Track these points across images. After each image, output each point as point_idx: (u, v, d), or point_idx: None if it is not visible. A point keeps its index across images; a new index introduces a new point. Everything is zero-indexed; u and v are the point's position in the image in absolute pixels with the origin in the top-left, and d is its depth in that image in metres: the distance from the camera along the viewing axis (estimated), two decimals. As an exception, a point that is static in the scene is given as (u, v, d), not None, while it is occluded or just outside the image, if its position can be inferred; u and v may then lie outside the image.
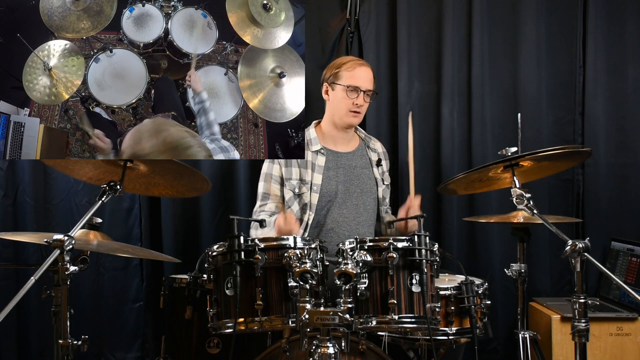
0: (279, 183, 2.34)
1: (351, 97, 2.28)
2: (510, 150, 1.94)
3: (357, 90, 2.28)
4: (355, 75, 2.29)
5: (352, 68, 2.30)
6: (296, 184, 2.31)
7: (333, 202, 2.32)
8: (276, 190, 2.33)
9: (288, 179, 2.32)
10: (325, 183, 2.31)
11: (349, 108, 2.30)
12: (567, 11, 2.87)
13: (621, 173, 2.86)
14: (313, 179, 2.31)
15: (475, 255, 2.83)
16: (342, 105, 2.31)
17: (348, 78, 2.29)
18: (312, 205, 2.29)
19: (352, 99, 2.28)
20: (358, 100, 2.28)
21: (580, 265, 1.60)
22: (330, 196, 2.31)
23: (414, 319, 1.63)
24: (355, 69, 2.30)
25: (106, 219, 2.55)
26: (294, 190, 2.31)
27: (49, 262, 1.39)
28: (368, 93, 2.31)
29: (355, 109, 2.29)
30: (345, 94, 2.29)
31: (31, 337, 2.76)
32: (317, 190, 2.30)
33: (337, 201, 2.32)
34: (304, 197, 2.30)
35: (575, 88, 2.88)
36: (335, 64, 2.35)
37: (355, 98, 2.28)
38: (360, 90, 2.28)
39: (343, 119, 2.34)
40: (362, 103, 2.30)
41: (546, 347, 2.43)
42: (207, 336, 2.01)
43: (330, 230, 2.32)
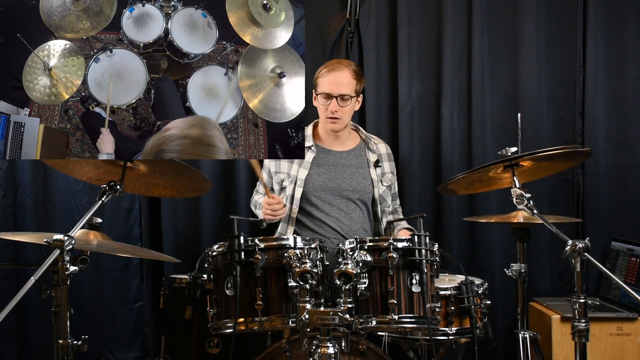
0: (269, 175, 2.46)
1: (325, 104, 2.32)
2: (510, 150, 1.94)
3: (329, 96, 2.30)
4: (326, 81, 2.31)
5: (324, 75, 2.33)
6: (283, 177, 2.39)
7: (322, 198, 2.36)
8: (266, 182, 2.44)
9: (276, 172, 2.42)
10: (312, 178, 2.36)
11: (325, 115, 2.33)
12: (567, 11, 2.87)
13: (621, 173, 2.86)
14: (298, 174, 2.36)
15: (475, 255, 2.83)
16: (320, 112, 2.37)
17: (321, 85, 2.33)
18: (296, 199, 2.35)
19: (326, 106, 2.31)
20: (330, 107, 2.30)
21: (580, 265, 1.60)
22: (317, 191, 2.36)
23: (414, 319, 1.63)
24: (326, 76, 2.32)
25: (106, 219, 2.56)
26: (280, 184, 2.40)
27: (49, 262, 1.39)
28: (343, 97, 2.29)
29: (329, 115, 2.32)
30: (320, 101, 2.33)
31: (31, 337, 2.75)
32: (301, 184, 2.35)
33: (327, 197, 2.36)
34: (287, 190, 2.36)
35: (575, 88, 2.88)
36: (318, 70, 2.38)
37: (328, 105, 2.30)
38: (332, 97, 2.29)
39: (324, 125, 2.40)
40: (336, 109, 2.30)
41: (546, 347, 2.43)
42: (207, 336, 2.01)
43: (323, 224, 2.36)
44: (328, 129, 2.39)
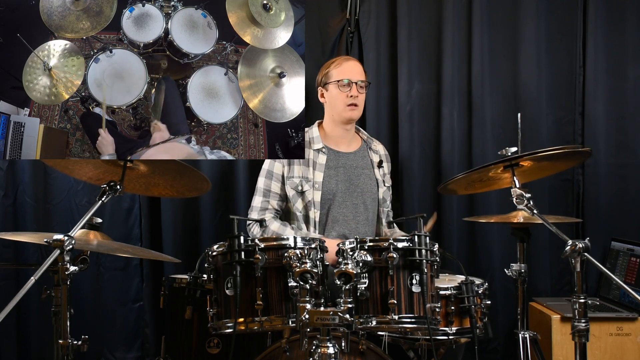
0: (280, 181, 2.38)
1: (344, 91, 2.33)
2: (510, 150, 1.94)
3: (349, 82, 2.32)
4: (344, 69, 2.35)
5: (339, 64, 2.36)
6: (299, 182, 2.34)
7: (333, 201, 2.34)
8: (276, 189, 2.38)
9: (290, 177, 2.36)
10: (325, 181, 2.35)
11: (345, 102, 2.34)
12: (567, 11, 2.87)
13: (621, 173, 2.86)
14: (315, 177, 2.34)
15: (475, 255, 2.83)
16: (338, 101, 2.36)
17: (338, 74, 2.35)
18: (316, 202, 2.33)
19: (346, 92, 2.33)
20: (352, 92, 2.32)
21: (580, 265, 1.61)
22: (330, 194, 2.34)
23: (414, 319, 1.63)
24: (342, 64, 2.36)
25: (106, 219, 2.56)
26: (297, 189, 2.34)
27: (49, 262, 1.39)
28: (361, 84, 2.34)
29: (351, 101, 2.33)
30: (338, 89, 2.34)
31: (31, 337, 2.75)
32: (319, 188, 2.33)
33: (336, 200, 2.35)
34: (307, 195, 2.33)
35: (575, 88, 2.88)
36: (325, 66, 2.43)
37: (348, 91, 2.32)
38: (352, 82, 2.32)
39: (342, 114, 2.38)
40: (357, 94, 2.33)
41: (546, 347, 2.43)
42: (207, 336, 2.01)
43: (330, 229, 2.34)
44: (347, 117, 2.37)
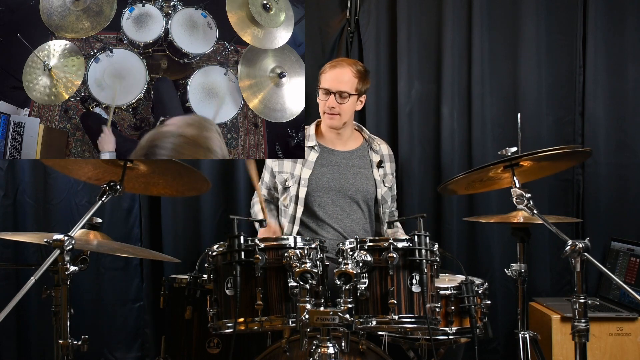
0: (270, 174, 2.46)
1: (324, 99, 2.33)
2: (510, 150, 1.94)
3: (327, 92, 2.31)
4: (327, 77, 2.33)
5: (327, 71, 2.35)
6: (286, 177, 2.38)
7: (325, 198, 2.36)
8: (268, 181, 2.47)
9: (279, 172, 2.42)
10: (315, 178, 2.36)
11: (324, 110, 2.35)
12: (567, 11, 2.87)
13: (621, 173, 2.86)
14: (302, 174, 2.36)
15: (475, 255, 2.83)
16: (320, 107, 2.38)
17: (322, 81, 2.35)
18: (300, 199, 2.35)
19: (324, 101, 2.33)
20: (328, 102, 2.31)
21: (580, 265, 1.60)
22: (321, 191, 2.36)
23: (414, 319, 1.63)
24: (327, 72, 2.34)
25: (106, 219, 2.55)
26: (283, 184, 2.39)
27: (49, 262, 1.39)
28: (341, 94, 2.30)
29: (327, 110, 2.33)
30: (321, 96, 2.35)
31: (31, 337, 2.76)
32: (305, 184, 2.35)
33: (328, 197, 2.36)
34: (291, 190, 2.36)
35: (575, 88, 2.88)
36: (322, 68, 2.40)
37: (326, 100, 2.32)
38: (330, 92, 2.30)
39: (324, 121, 2.41)
40: (334, 105, 2.31)
41: (546, 347, 2.43)
42: (207, 336, 2.01)
43: (324, 226, 2.36)
44: (326, 124, 2.40)
